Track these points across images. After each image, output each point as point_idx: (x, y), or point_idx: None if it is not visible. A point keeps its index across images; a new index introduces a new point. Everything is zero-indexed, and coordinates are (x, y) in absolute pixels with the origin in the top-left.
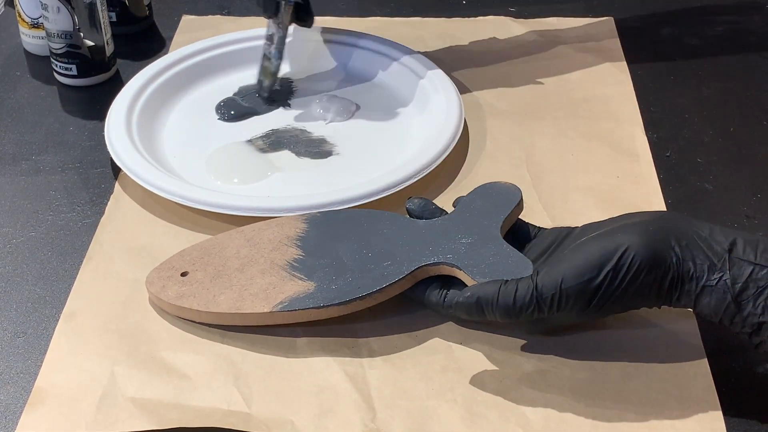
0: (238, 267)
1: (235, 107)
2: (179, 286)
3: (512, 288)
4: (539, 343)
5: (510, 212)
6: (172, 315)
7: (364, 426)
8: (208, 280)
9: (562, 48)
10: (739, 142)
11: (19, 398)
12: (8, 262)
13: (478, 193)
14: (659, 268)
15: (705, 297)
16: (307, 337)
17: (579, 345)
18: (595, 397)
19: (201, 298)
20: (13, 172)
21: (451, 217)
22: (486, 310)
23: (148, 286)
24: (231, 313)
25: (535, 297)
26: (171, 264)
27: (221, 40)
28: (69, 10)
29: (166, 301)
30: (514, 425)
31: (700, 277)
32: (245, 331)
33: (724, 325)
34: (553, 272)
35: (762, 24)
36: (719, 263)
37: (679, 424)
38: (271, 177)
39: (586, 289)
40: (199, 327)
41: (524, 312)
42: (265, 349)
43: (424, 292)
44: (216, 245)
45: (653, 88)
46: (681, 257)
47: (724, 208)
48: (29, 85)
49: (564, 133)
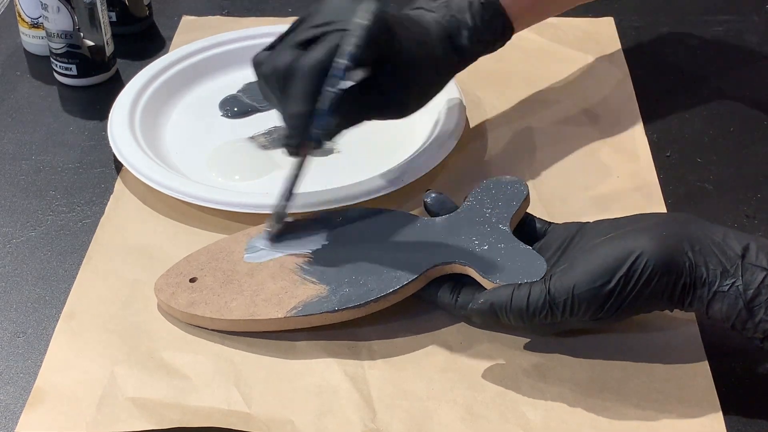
0: (248, 271)
1: (238, 104)
2: (189, 292)
3: (525, 293)
4: (539, 343)
5: (518, 207)
6: (173, 316)
7: (364, 426)
8: (218, 285)
9: (562, 48)
10: (739, 142)
11: (19, 398)
12: (8, 262)
13: (484, 189)
14: (672, 274)
15: (717, 303)
16: (307, 338)
17: (579, 345)
18: (595, 397)
19: (213, 305)
20: (13, 172)
21: (459, 214)
22: (500, 314)
23: (157, 293)
24: (245, 319)
25: (548, 302)
26: (178, 270)
27: (222, 39)
28: (69, 10)
29: (177, 309)
30: (514, 425)
31: (712, 282)
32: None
33: (736, 330)
34: (566, 277)
35: (762, 24)
36: (732, 269)
37: (679, 424)
38: (272, 174)
39: (598, 295)
40: (199, 327)
41: (537, 316)
42: (265, 350)
43: (436, 292)
44: (223, 249)
45: (653, 88)
46: (694, 262)
47: (724, 208)
48: (29, 85)
49: (564, 132)
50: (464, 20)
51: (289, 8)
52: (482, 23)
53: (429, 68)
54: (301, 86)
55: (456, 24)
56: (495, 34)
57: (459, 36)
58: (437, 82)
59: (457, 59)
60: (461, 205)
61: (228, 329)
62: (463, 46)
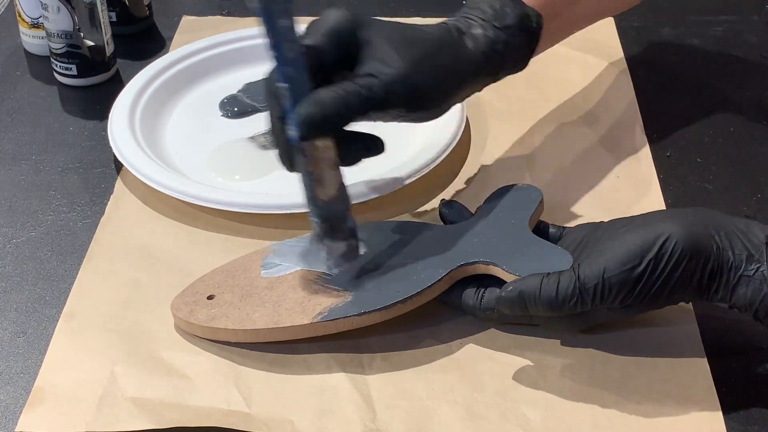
0: (267, 285)
1: (238, 104)
2: (208, 308)
3: (554, 280)
4: (539, 343)
5: (534, 211)
6: (192, 333)
7: (364, 426)
8: (237, 300)
9: (562, 48)
10: (739, 142)
11: (19, 398)
12: (8, 262)
13: (498, 196)
14: (700, 257)
15: (741, 287)
16: (307, 338)
17: (579, 345)
18: (595, 396)
19: (234, 318)
20: (13, 172)
21: (477, 219)
22: (528, 304)
23: (175, 312)
24: (269, 328)
25: (578, 288)
26: (194, 289)
27: (222, 39)
28: (69, 10)
29: (197, 324)
30: (514, 425)
31: (738, 266)
32: None
33: (758, 319)
34: (595, 263)
35: (762, 24)
36: (757, 254)
37: (679, 424)
38: (272, 174)
39: (628, 279)
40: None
41: (567, 304)
42: (265, 350)
43: (460, 296)
44: (238, 267)
45: (653, 88)
46: (721, 246)
47: (724, 208)
48: (29, 85)
49: (564, 133)
50: (479, 9)
51: None
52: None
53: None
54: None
55: (466, 17)
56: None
57: (468, 27)
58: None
59: (476, 53)
60: (476, 212)
61: (251, 341)
62: (477, 35)
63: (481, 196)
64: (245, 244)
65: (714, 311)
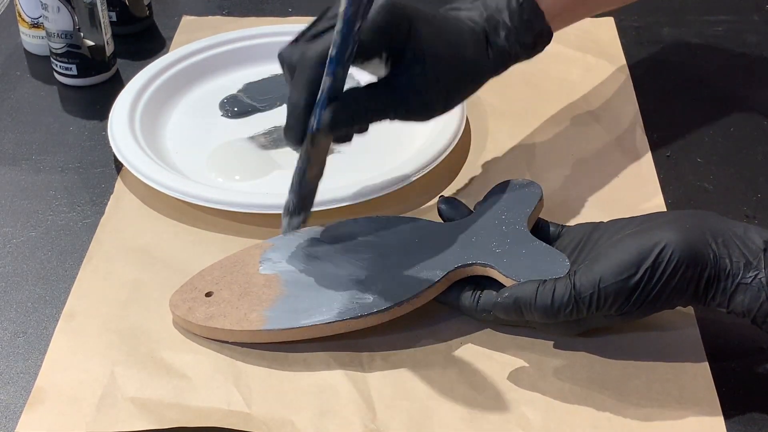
0: (264, 283)
1: (238, 104)
2: (206, 306)
3: (550, 288)
4: (539, 343)
5: (534, 208)
6: (190, 331)
7: (364, 426)
8: (235, 298)
9: (562, 48)
10: (739, 142)
11: (19, 398)
12: (8, 262)
13: (498, 192)
14: (697, 265)
15: (739, 295)
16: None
17: (579, 345)
18: (595, 397)
19: (232, 317)
20: (13, 172)
21: (475, 217)
22: (524, 310)
23: (173, 309)
24: (266, 330)
25: (574, 297)
26: (193, 285)
27: (222, 39)
28: (69, 9)
29: (194, 323)
30: (514, 425)
31: (735, 274)
32: None
33: (756, 324)
34: (591, 271)
35: (762, 24)
36: (755, 261)
37: (679, 424)
38: (272, 174)
39: (624, 288)
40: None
41: (563, 312)
42: (265, 349)
43: (457, 297)
44: (236, 263)
45: (653, 88)
46: (718, 254)
47: (724, 208)
48: (29, 85)
49: (564, 133)
50: (502, 20)
51: (290, 8)
52: (520, 23)
53: (456, 68)
54: (301, 77)
55: (493, 23)
56: (533, 35)
57: (496, 36)
58: (466, 84)
59: (492, 62)
60: (475, 208)
61: (248, 341)
62: (500, 48)
63: (480, 196)
64: (245, 244)
65: (714, 312)
